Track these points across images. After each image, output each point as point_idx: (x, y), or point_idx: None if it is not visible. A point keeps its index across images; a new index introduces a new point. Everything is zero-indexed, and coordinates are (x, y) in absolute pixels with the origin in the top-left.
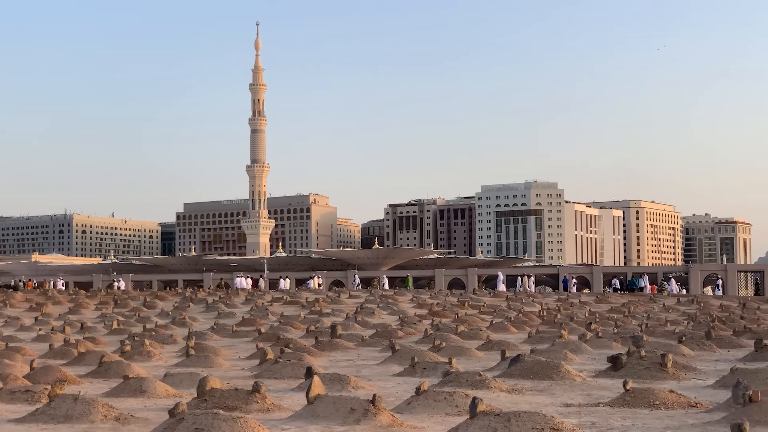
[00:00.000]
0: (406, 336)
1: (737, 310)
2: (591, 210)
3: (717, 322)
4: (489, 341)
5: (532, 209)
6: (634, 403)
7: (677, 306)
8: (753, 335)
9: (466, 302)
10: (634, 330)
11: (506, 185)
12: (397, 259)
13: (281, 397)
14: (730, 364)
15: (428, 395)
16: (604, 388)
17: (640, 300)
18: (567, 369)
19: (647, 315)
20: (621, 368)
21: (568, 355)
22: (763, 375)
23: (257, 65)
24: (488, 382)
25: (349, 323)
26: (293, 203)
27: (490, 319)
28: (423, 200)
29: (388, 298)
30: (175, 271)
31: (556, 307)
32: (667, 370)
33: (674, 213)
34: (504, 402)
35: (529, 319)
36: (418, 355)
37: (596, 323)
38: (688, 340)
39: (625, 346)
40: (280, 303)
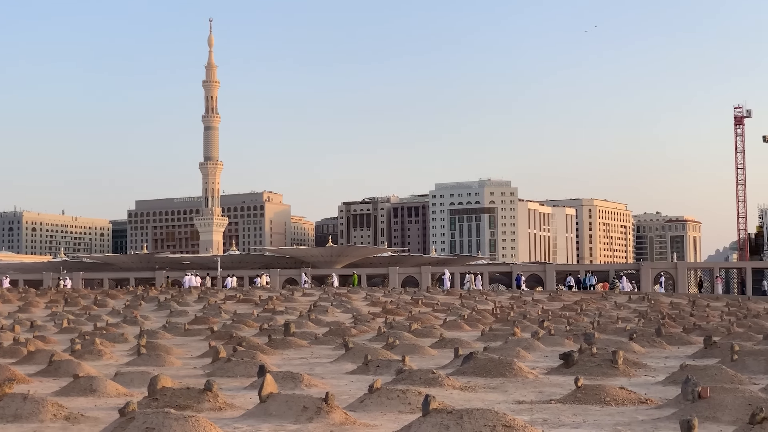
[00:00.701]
0: (359, 334)
1: (687, 307)
2: (544, 208)
3: (667, 319)
4: (442, 339)
5: (485, 207)
6: (585, 400)
7: (629, 303)
8: (702, 332)
9: (420, 300)
10: (586, 327)
11: (460, 183)
12: (351, 257)
13: (234, 396)
14: (680, 361)
15: (381, 393)
16: (556, 385)
17: (592, 298)
18: (519, 366)
19: (599, 313)
20: (573, 365)
21: (520, 352)
22: (712, 371)
23: (210, 62)
24: (441, 380)
25: (303, 321)
26: (247, 201)
27: (444, 317)
28: (377, 198)
29: (342, 296)
30: (127, 269)
31: (510, 305)
32: (618, 367)
33: (626, 211)
34: (457, 399)
35: (482, 317)
36: (372, 353)
37: (549, 321)
38: (638, 337)
39: (577, 344)
40: (234, 301)
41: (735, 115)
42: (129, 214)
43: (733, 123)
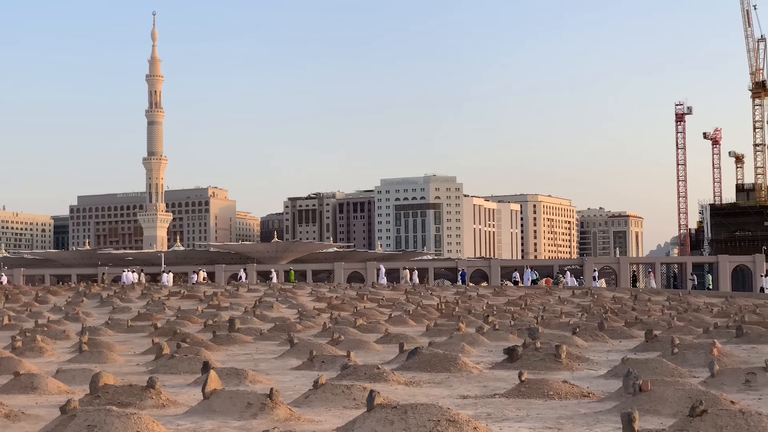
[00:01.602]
0: (304, 329)
1: (629, 301)
2: (489, 204)
3: (610, 313)
4: (387, 334)
5: (431, 203)
6: (528, 394)
7: (572, 298)
8: (644, 326)
9: (365, 295)
10: (530, 322)
11: (405, 179)
12: (297, 252)
13: (177, 393)
14: (622, 355)
15: (326, 389)
16: (500, 380)
17: (536, 293)
18: (464, 361)
19: (543, 307)
20: (517, 360)
21: (465, 347)
22: (653, 365)
23: (154, 56)
24: (386, 375)
25: (248, 317)
26: (191, 196)
27: (389, 313)
28: (322, 194)
29: (287, 292)
30: (69, 265)
31: (455, 300)
32: (561, 361)
33: (570, 207)
34: (402, 394)
35: (427, 312)
36: (317, 348)
37: (493, 316)
38: (581, 331)
39: (521, 338)
40: (178, 297)
41: (676, 112)
42: (71, 209)
43: (674, 120)
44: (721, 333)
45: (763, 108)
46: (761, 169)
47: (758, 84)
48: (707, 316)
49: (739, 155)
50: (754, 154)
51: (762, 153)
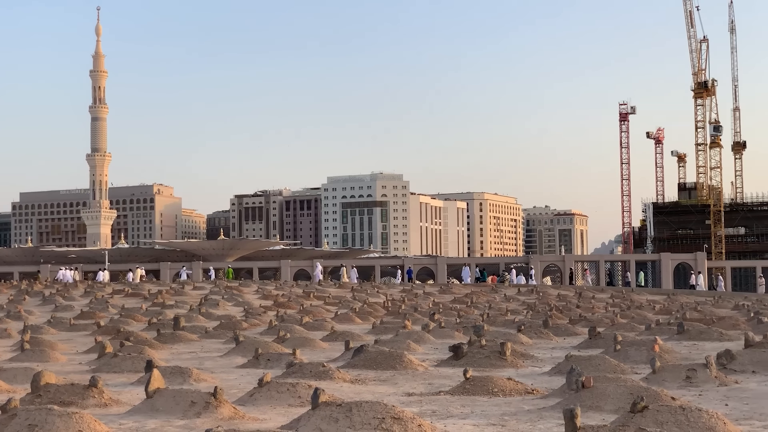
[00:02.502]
0: (250, 327)
1: (574, 299)
2: (435, 202)
3: (554, 311)
4: (333, 332)
5: (377, 201)
6: (473, 391)
7: (518, 296)
8: (588, 323)
9: (312, 293)
10: (476, 320)
11: (352, 177)
12: (243, 250)
13: (120, 392)
14: (566, 352)
15: (271, 387)
16: (445, 377)
17: (482, 290)
18: (410, 359)
19: (489, 305)
20: (462, 357)
21: (411, 345)
22: (596, 361)
23: (98, 51)
24: (332, 373)
25: (193, 315)
26: (136, 193)
27: (335, 310)
28: (269, 191)
29: (233, 290)
30: (10, 262)
31: (401, 297)
32: (506, 358)
33: (516, 205)
34: (347, 392)
35: (373, 310)
36: (262, 346)
37: (439, 313)
38: (526, 328)
39: (466, 336)
40: (122, 295)
41: (620, 111)
42: (13, 206)
43: (618, 119)
44: (662, 330)
45: (705, 108)
46: (703, 169)
47: (700, 84)
48: (650, 313)
49: (681, 155)
50: (696, 153)
51: (704, 153)
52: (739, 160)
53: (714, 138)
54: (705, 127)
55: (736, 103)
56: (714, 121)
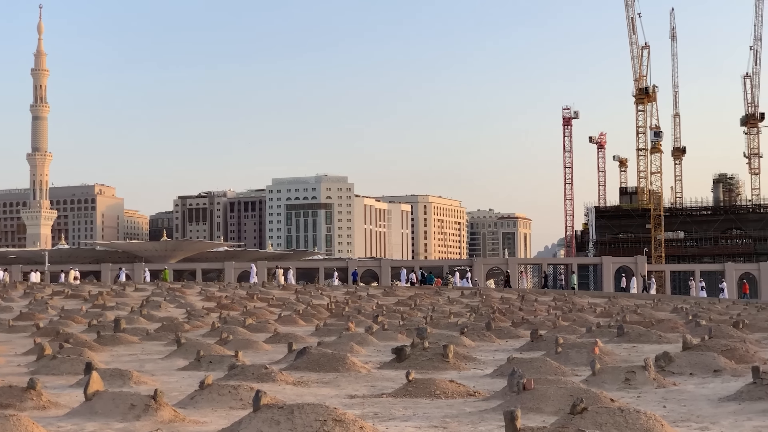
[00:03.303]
0: (192, 329)
1: (517, 302)
2: (380, 204)
3: (497, 313)
4: (277, 334)
5: (322, 203)
6: (416, 393)
7: (461, 299)
8: (530, 326)
9: (255, 295)
10: (419, 322)
11: (297, 178)
12: (186, 251)
13: (59, 394)
14: (508, 354)
15: (212, 389)
16: (388, 379)
17: (426, 293)
18: (353, 361)
19: (432, 307)
20: (405, 359)
21: (354, 347)
22: (537, 364)
23: (39, 50)
24: (274, 375)
25: (134, 317)
26: (77, 193)
27: (279, 312)
28: (213, 192)
29: (176, 291)
30: None
31: (345, 300)
32: (449, 360)
33: (460, 208)
34: (289, 394)
35: (317, 312)
36: (204, 348)
37: (383, 316)
38: (469, 331)
39: (410, 338)
40: (62, 297)
41: (563, 116)
42: None
43: (561, 124)
44: (603, 332)
45: (646, 114)
46: (644, 173)
47: (642, 90)
48: (591, 315)
49: (623, 159)
50: (637, 158)
51: (644, 157)
52: (678, 165)
53: (654, 143)
54: (646, 132)
55: (676, 109)
56: (654, 126)
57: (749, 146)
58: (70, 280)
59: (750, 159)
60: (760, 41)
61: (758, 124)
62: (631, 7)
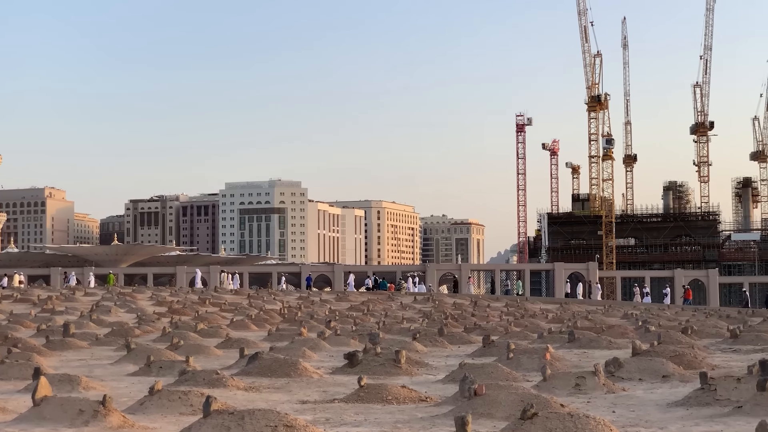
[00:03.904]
0: (143, 334)
1: (469, 307)
2: (334, 209)
3: (450, 319)
4: (228, 339)
5: (275, 207)
6: (367, 399)
7: (414, 304)
8: (482, 331)
9: (208, 300)
10: (371, 327)
11: (250, 183)
12: (138, 255)
13: (6, 399)
14: (460, 360)
15: (162, 395)
16: (340, 385)
17: (379, 298)
18: (305, 366)
19: (385, 313)
20: (357, 365)
21: (306, 352)
22: (489, 369)
23: None
24: (225, 381)
25: (84, 322)
26: (27, 196)
27: (231, 317)
28: (165, 196)
29: (127, 296)
30: None
31: (297, 305)
32: (401, 366)
33: (413, 214)
34: (240, 400)
35: (269, 317)
36: (155, 353)
37: (336, 321)
38: (422, 337)
39: (362, 344)
40: (10, 301)
41: (517, 122)
42: None
43: (515, 130)
44: (554, 338)
45: (598, 121)
46: (596, 180)
47: (594, 98)
48: (542, 321)
49: (575, 166)
50: (590, 165)
51: (596, 165)
52: (630, 172)
53: (606, 150)
54: (598, 139)
55: (627, 117)
56: (606, 134)
57: (699, 154)
58: (14, 284)
59: (699, 167)
60: (710, 51)
61: (707, 132)
62: (584, 15)
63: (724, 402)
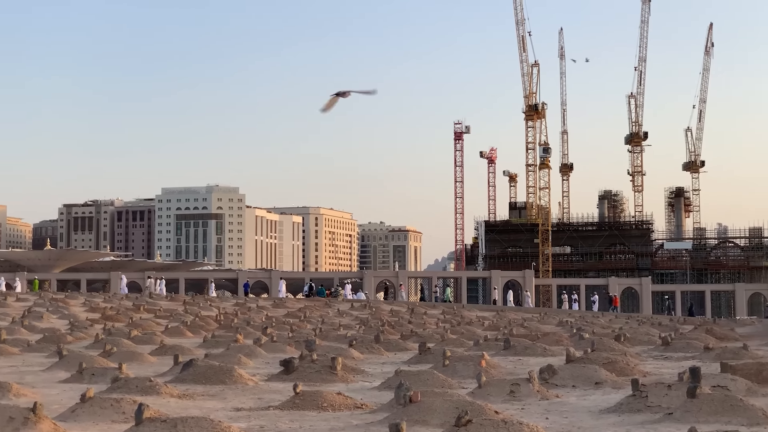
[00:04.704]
0: (75, 341)
1: (406, 315)
2: (271, 215)
3: (387, 326)
4: (163, 346)
5: (212, 213)
6: (303, 406)
7: (351, 311)
8: (419, 339)
9: (142, 306)
10: (308, 334)
11: (187, 188)
12: (71, 260)
13: None
14: (396, 367)
15: (94, 402)
16: (275, 392)
17: (315, 305)
18: (240, 373)
19: (322, 320)
20: (293, 372)
21: (242, 359)
22: (425, 376)
23: None
24: (159, 388)
25: (15, 328)
26: None
27: (166, 324)
28: (100, 201)
29: (59, 302)
30: None
31: (234, 311)
32: (337, 373)
33: (351, 220)
34: (174, 408)
35: (205, 324)
36: (87, 360)
37: (272, 328)
38: (358, 343)
39: (298, 350)
40: None
41: (455, 130)
42: None
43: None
44: (490, 345)
45: (536, 130)
46: (532, 189)
47: (531, 107)
48: (479, 329)
49: (512, 174)
50: (527, 174)
51: (533, 173)
52: (566, 181)
53: (543, 159)
54: (535, 148)
55: (564, 126)
56: (543, 143)
57: (633, 164)
58: None
59: (633, 177)
60: (644, 62)
61: (642, 142)
62: (522, 25)
63: (655, 408)
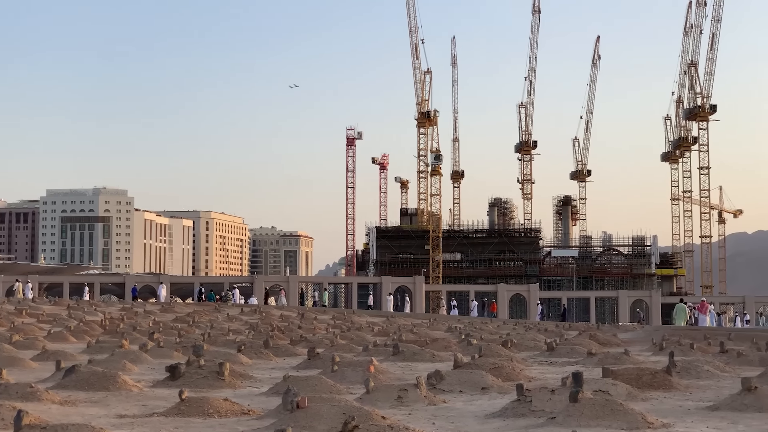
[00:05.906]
0: None
1: (296, 320)
2: (161, 219)
3: (276, 331)
4: (45, 351)
5: (99, 216)
6: (188, 412)
7: (241, 316)
8: (308, 344)
9: (24, 310)
10: (196, 339)
11: (74, 190)
12: None
13: None
14: (285, 372)
15: None
16: (160, 398)
17: (205, 310)
18: (124, 379)
19: (211, 324)
20: (179, 378)
21: (127, 365)
22: (313, 382)
23: None
24: (40, 394)
25: None
26: None
27: (49, 329)
28: None
29: None
30: None
31: (120, 316)
32: (224, 378)
33: (242, 225)
34: (55, 414)
35: (90, 329)
36: None
37: (159, 333)
38: (247, 348)
39: (186, 356)
40: None
41: (347, 136)
42: None
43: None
44: (379, 351)
45: (427, 137)
46: (424, 195)
47: (423, 114)
48: (369, 334)
49: (404, 181)
50: (418, 180)
51: (425, 180)
52: (457, 188)
53: (434, 166)
54: (426, 155)
55: (455, 133)
56: (435, 150)
57: (522, 172)
58: None
59: (523, 185)
60: (534, 73)
61: (531, 151)
62: (415, 33)
63: (539, 413)
